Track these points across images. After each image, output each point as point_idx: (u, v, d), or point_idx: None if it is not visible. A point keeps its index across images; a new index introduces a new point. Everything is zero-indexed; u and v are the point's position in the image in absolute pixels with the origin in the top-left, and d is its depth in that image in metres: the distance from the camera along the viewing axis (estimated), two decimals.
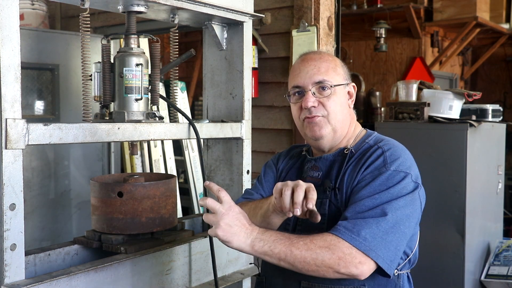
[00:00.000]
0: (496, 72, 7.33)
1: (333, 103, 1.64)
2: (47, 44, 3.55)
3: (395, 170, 1.53)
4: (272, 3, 3.44)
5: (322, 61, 1.66)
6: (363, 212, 1.47)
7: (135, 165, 4.14)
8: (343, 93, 1.67)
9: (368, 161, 1.58)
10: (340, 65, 1.70)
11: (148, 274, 1.88)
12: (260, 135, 3.45)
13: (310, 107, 1.63)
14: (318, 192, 1.60)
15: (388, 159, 1.55)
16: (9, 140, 1.52)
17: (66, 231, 3.64)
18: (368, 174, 1.55)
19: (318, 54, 1.70)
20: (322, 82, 1.63)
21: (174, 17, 2.08)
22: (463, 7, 5.70)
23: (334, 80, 1.65)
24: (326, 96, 1.63)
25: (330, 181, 1.61)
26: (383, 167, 1.54)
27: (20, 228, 1.56)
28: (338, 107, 1.65)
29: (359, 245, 1.41)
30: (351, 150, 1.65)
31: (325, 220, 1.57)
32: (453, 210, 3.50)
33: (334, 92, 1.64)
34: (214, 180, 2.42)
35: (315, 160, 1.70)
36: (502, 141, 4.08)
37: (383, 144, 1.63)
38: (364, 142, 1.68)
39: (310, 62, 1.67)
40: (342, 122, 1.67)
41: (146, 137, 1.90)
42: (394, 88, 4.31)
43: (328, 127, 1.65)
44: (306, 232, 1.58)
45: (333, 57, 1.72)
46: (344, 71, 1.70)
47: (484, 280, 3.70)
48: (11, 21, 1.51)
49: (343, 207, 1.56)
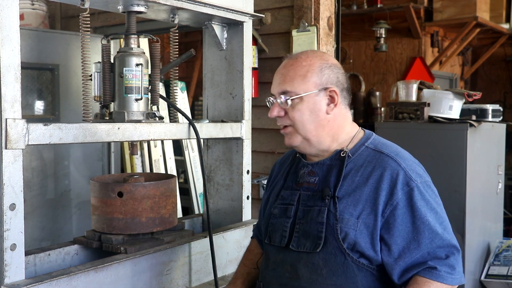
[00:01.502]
0: (496, 72, 7.32)
1: (298, 113, 1.60)
2: (47, 44, 3.55)
3: (422, 182, 1.58)
4: (272, 3, 3.44)
5: (291, 69, 1.61)
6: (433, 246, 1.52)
7: (135, 165, 4.14)
8: (314, 101, 1.60)
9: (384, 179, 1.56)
10: (316, 70, 1.60)
11: (148, 274, 1.88)
12: (260, 135, 3.45)
13: (274, 116, 1.63)
14: (315, 199, 1.59)
15: (408, 173, 1.56)
16: (9, 140, 1.52)
17: (66, 231, 3.63)
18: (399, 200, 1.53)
19: (293, 60, 1.64)
20: (285, 92, 1.60)
21: (174, 17, 2.08)
22: (463, 7, 5.70)
23: (300, 89, 1.59)
24: (291, 106, 1.60)
25: (329, 189, 1.58)
26: (410, 182, 1.55)
27: (20, 228, 1.56)
28: (305, 116, 1.60)
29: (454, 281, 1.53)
30: (347, 154, 1.61)
31: (323, 228, 1.55)
32: (453, 210, 3.49)
33: (300, 102, 1.59)
34: (214, 180, 2.42)
35: (312, 165, 1.66)
36: (502, 141, 4.08)
37: (390, 152, 1.61)
38: (363, 145, 1.63)
39: (280, 70, 1.64)
40: (315, 130, 1.61)
41: (146, 137, 1.90)
42: (394, 88, 4.31)
43: (297, 136, 1.63)
44: (303, 237, 1.58)
45: (310, 62, 1.61)
46: (319, 77, 1.60)
47: (484, 280, 3.70)
48: (11, 21, 1.52)
49: (341, 216, 1.54)
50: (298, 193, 1.65)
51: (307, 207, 1.60)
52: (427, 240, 1.51)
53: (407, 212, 1.52)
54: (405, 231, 1.51)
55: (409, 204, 1.52)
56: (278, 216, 1.67)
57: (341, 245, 1.52)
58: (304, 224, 1.59)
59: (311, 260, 1.56)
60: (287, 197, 1.67)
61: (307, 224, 1.58)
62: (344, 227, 1.52)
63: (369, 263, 1.53)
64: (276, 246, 1.65)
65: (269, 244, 1.68)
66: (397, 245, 1.51)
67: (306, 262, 1.56)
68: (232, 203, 2.38)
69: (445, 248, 1.52)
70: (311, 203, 1.60)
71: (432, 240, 1.51)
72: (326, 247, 1.53)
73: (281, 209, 1.67)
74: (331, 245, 1.53)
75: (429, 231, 1.51)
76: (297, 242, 1.59)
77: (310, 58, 1.62)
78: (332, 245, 1.53)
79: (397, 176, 1.54)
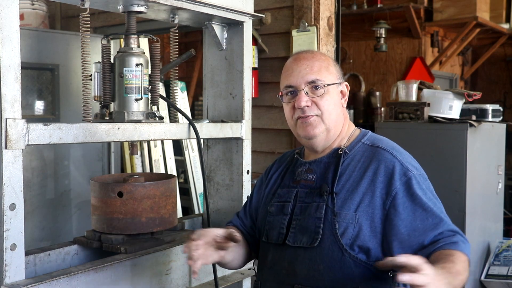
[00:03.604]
0: (496, 72, 7.32)
1: (326, 102, 1.63)
2: (47, 44, 3.55)
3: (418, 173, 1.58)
4: (272, 3, 3.44)
5: (315, 60, 1.66)
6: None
7: (135, 165, 4.14)
8: (336, 92, 1.67)
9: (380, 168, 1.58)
10: (333, 64, 1.69)
11: (148, 274, 1.88)
12: (260, 135, 3.45)
13: (303, 106, 1.62)
14: (313, 195, 1.61)
15: (403, 163, 1.58)
16: (9, 140, 1.52)
17: (66, 231, 3.63)
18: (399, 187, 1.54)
19: (310, 53, 1.69)
20: (315, 81, 1.62)
21: (174, 17, 2.08)
22: (463, 7, 5.70)
23: (327, 79, 1.64)
24: (320, 95, 1.63)
25: (327, 185, 1.59)
26: (407, 172, 1.56)
27: (20, 228, 1.56)
28: (331, 106, 1.64)
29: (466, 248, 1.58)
30: (344, 150, 1.64)
31: (321, 223, 1.56)
32: (453, 210, 3.49)
33: (327, 91, 1.63)
34: (214, 180, 2.42)
35: (309, 163, 1.69)
36: (502, 141, 4.08)
37: (386, 146, 1.63)
38: (359, 141, 1.66)
39: (302, 61, 1.66)
40: (336, 121, 1.67)
41: (146, 137, 1.90)
42: (394, 88, 4.31)
43: (321, 126, 1.64)
44: (300, 232, 1.58)
45: (326, 56, 1.71)
46: (336, 70, 1.69)
47: (484, 280, 3.70)
48: (11, 21, 1.51)
49: (339, 211, 1.54)
50: (295, 191, 1.67)
51: (304, 203, 1.62)
52: (431, 225, 1.52)
53: (407, 201, 1.53)
54: (408, 220, 1.52)
55: (408, 193, 1.53)
56: (275, 214, 1.68)
57: (338, 241, 1.52)
58: (301, 220, 1.60)
59: (308, 256, 1.56)
60: (284, 195, 1.69)
61: (304, 220, 1.59)
62: (342, 221, 1.52)
63: (366, 259, 1.52)
64: (273, 243, 1.66)
65: (267, 242, 1.69)
66: (401, 234, 1.51)
67: (303, 258, 1.57)
68: (232, 203, 2.38)
69: (450, 231, 1.54)
70: (309, 199, 1.61)
71: (437, 225, 1.52)
72: (323, 243, 1.54)
73: (278, 207, 1.68)
74: (328, 240, 1.53)
75: (432, 216, 1.52)
76: (294, 237, 1.60)
77: (322, 54, 1.71)
78: (329, 241, 1.53)
79: (393, 168, 1.56)
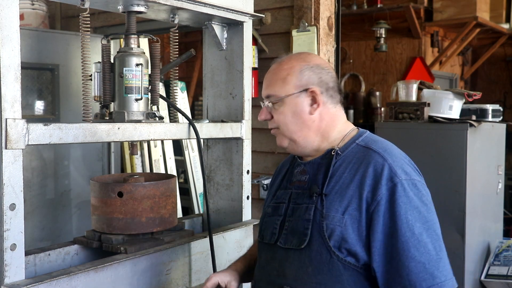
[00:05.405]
0: (496, 72, 7.32)
1: (281, 116, 1.63)
2: (47, 44, 3.55)
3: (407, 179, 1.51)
4: (272, 3, 3.44)
5: (273, 73, 1.66)
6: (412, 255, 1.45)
7: (135, 165, 4.14)
8: (295, 103, 1.62)
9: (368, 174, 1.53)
10: (296, 72, 1.62)
11: (148, 274, 1.88)
12: (260, 135, 3.45)
13: (262, 120, 1.69)
14: (304, 197, 1.61)
15: (393, 169, 1.51)
16: (9, 140, 1.52)
17: (66, 231, 3.63)
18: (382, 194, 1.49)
19: (276, 64, 1.67)
20: (268, 96, 1.65)
21: (174, 17, 2.08)
22: (463, 7, 5.70)
23: (282, 91, 1.62)
24: (274, 109, 1.65)
25: (317, 186, 1.59)
26: (394, 178, 1.50)
27: (20, 228, 1.56)
28: (288, 118, 1.62)
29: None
30: (337, 151, 1.61)
31: (309, 225, 1.55)
32: (453, 210, 3.49)
33: (282, 104, 1.62)
34: (214, 180, 2.42)
35: (304, 164, 1.69)
36: (502, 141, 4.08)
37: (378, 148, 1.58)
38: (354, 142, 1.62)
39: (266, 74, 1.69)
40: (300, 131, 1.63)
41: (146, 137, 1.90)
42: (394, 88, 4.31)
43: (284, 138, 1.66)
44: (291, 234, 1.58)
45: (291, 65, 1.63)
46: (298, 78, 1.61)
47: (484, 280, 3.70)
48: (11, 21, 1.51)
49: (327, 213, 1.53)
50: (290, 192, 1.68)
51: (296, 204, 1.62)
52: (407, 262, 1.44)
53: (387, 213, 1.47)
54: (381, 236, 1.47)
55: (390, 207, 1.47)
56: (271, 215, 1.69)
57: (326, 243, 1.51)
58: (292, 222, 1.60)
59: (297, 257, 1.56)
60: (280, 196, 1.70)
61: (295, 221, 1.59)
62: (330, 223, 1.51)
63: (355, 262, 1.51)
64: (266, 243, 1.67)
65: (261, 242, 1.71)
66: (375, 249, 1.47)
67: (292, 259, 1.57)
68: (232, 203, 2.38)
69: (426, 281, 1.43)
70: (300, 200, 1.62)
71: (412, 262, 1.44)
72: (311, 244, 1.53)
73: (273, 208, 1.70)
74: (316, 242, 1.52)
75: (406, 243, 1.45)
76: (285, 239, 1.60)
77: (292, 61, 1.65)
78: (317, 242, 1.52)
79: (381, 171, 1.51)
